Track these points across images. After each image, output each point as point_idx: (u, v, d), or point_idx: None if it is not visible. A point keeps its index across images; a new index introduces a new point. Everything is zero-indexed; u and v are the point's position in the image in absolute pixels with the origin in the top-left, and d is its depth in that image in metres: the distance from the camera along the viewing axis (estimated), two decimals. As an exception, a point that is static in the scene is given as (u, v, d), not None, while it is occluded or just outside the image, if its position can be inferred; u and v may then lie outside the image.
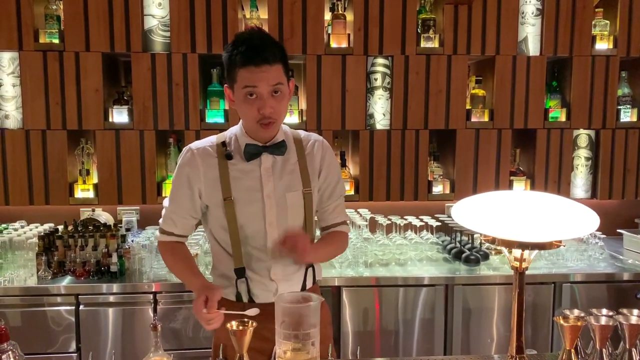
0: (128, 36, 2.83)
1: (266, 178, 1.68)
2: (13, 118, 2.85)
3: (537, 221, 1.09)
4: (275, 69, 1.57)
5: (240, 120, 1.72)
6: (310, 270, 1.79)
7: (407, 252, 2.86)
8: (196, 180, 1.69)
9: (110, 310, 2.51)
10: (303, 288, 1.78)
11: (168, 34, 2.86)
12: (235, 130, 1.75)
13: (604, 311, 1.39)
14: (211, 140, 1.74)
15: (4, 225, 2.88)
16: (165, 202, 1.77)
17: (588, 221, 1.10)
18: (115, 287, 2.50)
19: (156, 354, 1.20)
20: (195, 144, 1.74)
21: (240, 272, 1.72)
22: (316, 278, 1.83)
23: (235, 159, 1.69)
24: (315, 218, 1.83)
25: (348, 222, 1.87)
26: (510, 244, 1.09)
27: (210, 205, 1.71)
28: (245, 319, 1.23)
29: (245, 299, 1.73)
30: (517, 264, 1.15)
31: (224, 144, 1.71)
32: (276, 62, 1.57)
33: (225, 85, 1.66)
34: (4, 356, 1.19)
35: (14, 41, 2.78)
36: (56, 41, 2.81)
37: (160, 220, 1.78)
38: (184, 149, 1.75)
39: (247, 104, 1.58)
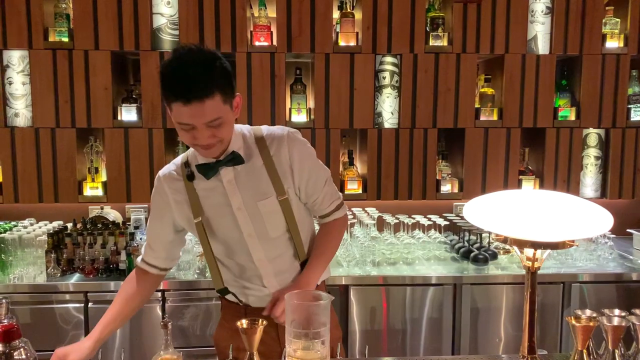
0: (137, 34, 2.83)
1: (231, 191, 1.60)
2: (23, 116, 2.87)
3: (550, 220, 1.08)
4: (210, 104, 1.39)
5: None
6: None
7: (415, 251, 2.86)
8: (167, 207, 1.65)
9: (119, 308, 2.52)
10: None
11: (177, 32, 2.86)
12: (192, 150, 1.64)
13: (617, 311, 1.38)
14: (177, 161, 1.68)
15: (13, 223, 2.89)
16: (147, 227, 1.75)
17: (601, 220, 1.09)
18: (123, 285, 2.51)
19: (166, 351, 1.20)
20: (163, 170, 1.69)
21: (223, 292, 1.72)
22: (320, 280, 1.75)
23: (198, 177, 1.62)
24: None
25: (341, 201, 1.75)
26: (522, 244, 1.09)
27: (186, 228, 1.69)
28: (255, 318, 1.23)
29: (245, 301, 1.72)
30: (529, 263, 1.15)
31: (186, 164, 1.64)
32: (211, 94, 1.38)
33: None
34: (15, 353, 1.20)
35: (23, 40, 2.79)
36: (65, 40, 2.82)
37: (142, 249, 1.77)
38: (157, 175, 1.70)
39: (181, 132, 1.46)
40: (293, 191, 1.64)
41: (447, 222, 2.93)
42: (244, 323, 1.22)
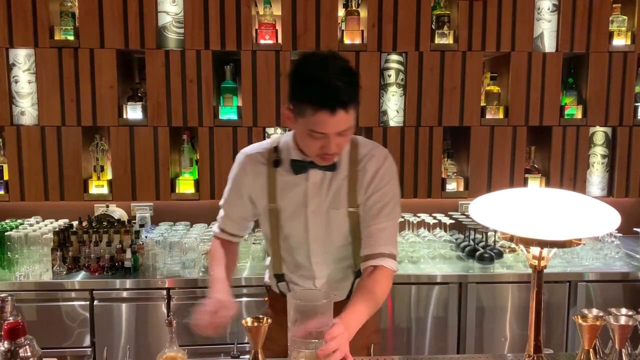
0: (142, 33, 2.83)
1: (312, 194, 1.61)
2: (29, 114, 2.88)
3: (557, 219, 1.07)
4: (350, 113, 1.41)
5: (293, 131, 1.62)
6: (358, 280, 1.72)
7: (420, 250, 2.85)
8: (246, 187, 1.66)
9: (124, 306, 2.53)
10: (349, 297, 1.70)
11: (182, 30, 2.86)
12: (289, 137, 1.64)
13: (623, 311, 1.37)
14: (264, 144, 1.69)
15: (19, 221, 2.91)
16: (221, 202, 1.77)
17: (608, 219, 1.08)
18: (129, 283, 2.52)
19: (171, 349, 1.20)
20: (249, 149, 1.70)
21: (279, 277, 1.73)
22: None
23: (283, 168, 1.62)
24: None
25: (396, 255, 1.60)
26: (528, 242, 1.08)
27: (259, 210, 1.69)
28: (260, 316, 1.23)
29: (283, 291, 1.74)
30: (535, 262, 1.14)
31: (276, 149, 1.64)
32: (354, 104, 1.41)
33: (286, 105, 1.51)
34: (21, 350, 1.20)
35: (29, 38, 2.80)
36: (71, 38, 2.83)
37: (218, 217, 1.80)
38: (239, 153, 1.71)
39: (310, 140, 1.46)
40: (363, 205, 1.63)
41: (452, 221, 2.92)
42: (248, 321, 1.22)
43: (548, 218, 1.07)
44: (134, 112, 2.89)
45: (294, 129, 1.55)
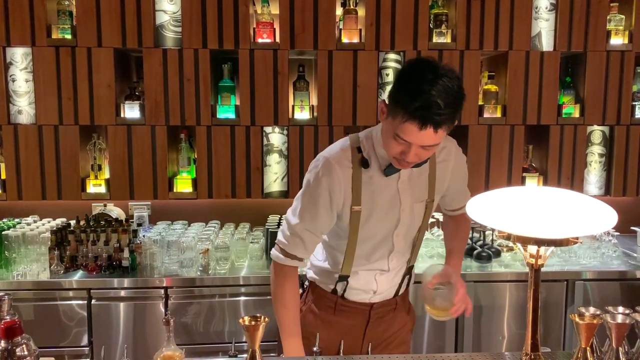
0: (140, 32, 2.83)
1: (403, 192, 1.63)
2: (26, 113, 2.87)
3: (554, 217, 1.07)
4: (439, 134, 1.40)
5: (378, 130, 1.61)
6: (407, 277, 1.80)
7: (418, 249, 2.84)
8: (337, 193, 1.58)
9: (122, 305, 2.53)
10: (396, 294, 1.79)
11: (179, 29, 2.86)
12: (370, 138, 1.61)
13: (620, 309, 1.37)
14: (342, 146, 1.62)
15: (17, 220, 2.90)
16: (292, 218, 1.63)
17: (605, 217, 1.08)
18: (126, 282, 2.52)
19: (168, 348, 1.20)
20: (332, 154, 1.60)
21: (343, 278, 1.72)
22: (410, 283, 1.85)
23: (372, 168, 1.59)
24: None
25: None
26: (526, 240, 1.08)
27: (338, 214, 1.63)
28: (258, 315, 1.23)
29: (339, 293, 1.75)
30: (532, 260, 1.14)
31: (359, 149, 1.60)
32: (446, 126, 1.40)
33: (384, 101, 1.51)
34: (17, 349, 1.19)
35: (26, 37, 2.79)
36: (68, 37, 2.82)
37: (282, 238, 1.66)
38: (318, 158, 1.62)
39: (392, 142, 1.45)
40: (439, 197, 1.74)
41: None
42: (246, 320, 1.22)
43: (545, 216, 1.07)
44: (131, 111, 2.88)
45: (383, 124, 1.54)
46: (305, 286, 1.89)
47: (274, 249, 1.68)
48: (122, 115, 2.89)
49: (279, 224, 2.95)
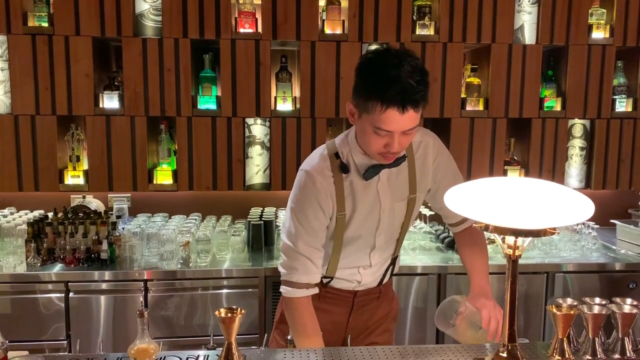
0: (119, 20, 2.78)
1: (383, 193, 1.62)
2: (1, 103, 2.81)
3: (531, 208, 1.07)
4: (418, 113, 1.41)
5: (353, 134, 1.60)
6: (391, 267, 1.80)
7: (400, 241, 2.85)
8: (325, 203, 1.56)
9: (101, 298, 2.49)
10: (380, 283, 1.79)
11: (160, 18, 2.81)
12: (346, 143, 1.60)
13: (597, 300, 1.38)
14: (320, 155, 1.60)
15: (-7, 212, 2.85)
16: (290, 242, 1.59)
17: (583, 208, 1.08)
18: (105, 275, 2.48)
19: (142, 341, 1.17)
20: (310, 165, 1.59)
21: (328, 278, 1.73)
22: (393, 272, 1.84)
23: (352, 173, 1.58)
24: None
25: None
26: (503, 231, 1.07)
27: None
28: (234, 307, 1.21)
29: (325, 281, 1.74)
30: (510, 251, 1.14)
31: (337, 155, 1.59)
32: (423, 104, 1.41)
33: (350, 102, 1.50)
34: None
35: (1, 24, 2.73)
36: (45, 25, 2.76)
37: (286, 269, 1.60)
38: (299, 173, 1.61)
39: (373, 137, 1.44)
40: (424, 193, 1.70)
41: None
42: (222, 312, 1.20)
43: (522, 207, 1.07)
44: (110, 101, 2.83)
45: (356, 126, 1.52)
46: None
47: (282, 287, 1.63)
48: (100, 106, 2.84)
49: (261, 216, 2.93)
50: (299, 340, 1.57)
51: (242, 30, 2.85)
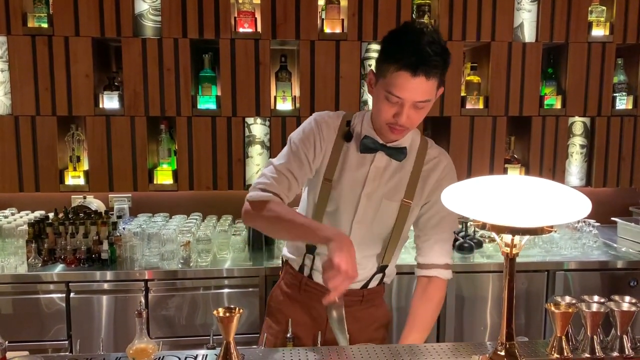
0: (118, 21, 2.78)
1: (372, 177, 1.60)
2: (1, 104, 2.81)
3: (528, 206, 1.07)
4: (429, 84, 1.43)
5: (370, 112, 1.63)
6: (380, 274, 1.74)
7: (401, 240, 2.84)
8: (317, 149, 1.60)
9: (102, 298, 2.49)
10: (365, 287, 1.73)
11: (159, 18, 2.81)
12: (362, 116, 1.64)
13: (595, 298, 1.38)
14: (337, 113, 1.66)
15: (-6, 213, 2.85)
16: (277, 160, 1.62)
17: (580, 206, 1.08)
18: (106, 275, 2.48)
19: (141, 340, 1.18)
20: (323, 115, 1.65)
21: (310, 248, 1.69)
22: (383, 281, 1.79)
23: (351, 144, 1.61)
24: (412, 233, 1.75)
25: (450, 264, 1.70)
26: (500, 229, 1.07)
27: (313, 178, 1.65)
28: (232, 306, 1.21)
29: (306, 273, 1.73)
30: (507, 249, 1.14)
31: (348, 123, 1.62)
32: (435, 76, 1.43)
33: (372, 70, 1.54)
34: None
35: (1, 25, 2.73)
36: (45, 25, 2.76)
37: (262, 179, 1.60)
38: (310, 117, 1.66)
39: (384, 104, 1.47)
40: (418, 207, 1.66)
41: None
42: (220, 312, 1.21)
43: (519, 205, 1.06)
44: (110, 102, 2.84)
45: (372, 96, 1.55)
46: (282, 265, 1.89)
47: (249, 192, 1.60)
48: (100, 106, 2.84)
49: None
50: (281, 226, 1.53)
51: (241, 29, 2.86)
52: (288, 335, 1.56)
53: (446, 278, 1.70)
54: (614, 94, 3.12)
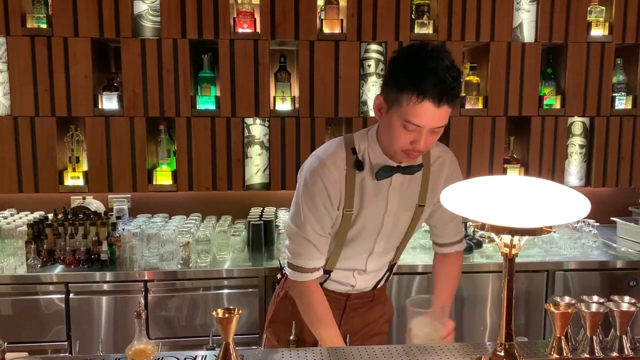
0: (117, 21, 2.78)
1: (392, 198, 1.60)
2: (0, 105, 2.81)
3: (527, 206, 1.07)
4: (449, 111, 1.41)
5: (374, 131, 1.58)
6: (388, 273, 1.79)
7: (400, 240, 2.84)
8: (334, 193, 1.54)
9: (101, 299, 2.49)
10: (375, 287, 1.78)
11: (158, 19, 2.81)
12: (365, 139, 1.58)
13: (595, 298, 1.38)
14: (337, 147, 1.58)
15: (-7, 214, 2.85)
16: (295, 226, 1.58)
17: (579, 206, 1.08)
18: (105, 276, 2.48)
19: (140, 341, 1.17)
20: (325, 154, 1.56)
21: (327, 272, 1.70)
22: (389, 278, 1.83)
23: (365, 171, 1.56)
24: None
25: (464, 235, 1.80)
26: (499, 230, 1.07)
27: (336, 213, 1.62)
28: (232, 307, 1.21)
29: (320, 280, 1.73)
30: (506, 250, 1.14)
31: (354, 150, 1.56)
32: (456, 102, 1.42)
33: (381, 95, 1.48)
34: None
35: (0, 26, 2.73)
36: (44, 26, 2.76)
37: (292, 253, 1.60)
38: (311, 159, 1.59)
39: (401, 132, 1.42)
40: (430, 207, 1.68)
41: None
42: (219, 313, 1.20)
43: (518, 206, 1.06)
44: (109, 102, 2.84)
45: (382, 122, 1.50)
46: (283, 272, 1.87)
47: (288, 269, 1.62)
48: (100, 107, 2.84)
49: (260, 216, 2.93)
50: (313, 326, 1.58)
51: (240, 30, 2.85)
52: (291, 337, 1.56)
53: (462, 249, 1.80)
54: (613, 94, 3.12)
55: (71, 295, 2.48)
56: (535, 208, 1.07)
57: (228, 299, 2.57)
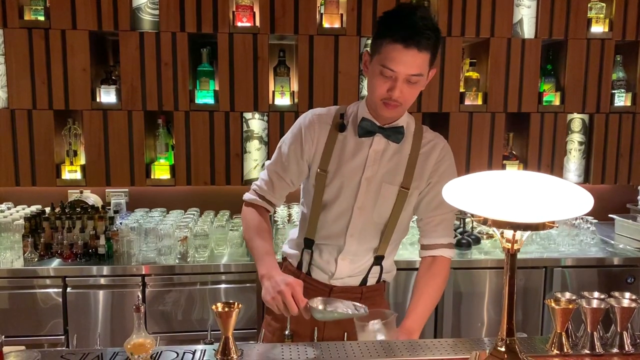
0: (116, 14, 2.76)
1: (372, 161, 1.63)
2: (-2, 97, 2.79)
3: (530, 201, 1.06)
4: (421, 57, 1.47)
5: (365, 99, 1.67)
6: (377, 268, 1.73)
7: (399, 236, 2.84)
8: (309, 146, 1.65)
9: (98, 293, 2.48)
10: (363, 283, 1.73)
11: (157, 12, 2.79)
12: (357, 104, 1.69)
13: (596, 294, 1.38)
14: (330, 108, 1.71)
15: (-11, 207, 2.83)
16: (268, 163, 1.74)
17: (582, 202, 1.07)
18: (103, 270, 2.47)
19: (139, 335, 1.17)
20: (318, 110, 1.71)
21: (308, 243, 1.70)
22: (382, 279, 1.76)
23: (348, 132, 1.64)
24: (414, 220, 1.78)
25: (453, 243, 1.75)
26: (501, 225, 1.06)
27: (303, 171, 1.70)
28: (231, 301, 1.21)
29: (304, 269, 1.74)
30: (508, 245, 1.13)
31: (342, 115, 1.66)
32: (426, 49, 1.47)
33: (367, 50, 1.60)
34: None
35: (-3, 18, 2.71)
36: (42, 18, 2.74)
37: (257, 181, 1.76)
38: (307, 112, 1.71)
39: (379, 79, 1.51)
40: (417, 192, 1.67)
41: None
42: (219, 307, 1.20)
43: (521, 200, 1.06)
44: (107, 96, 2.82)
45: (367, 75, 1.58)
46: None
47: (247, 192, 1.77)
48: (97, 100, 2.82)
49: (259, 211, 2.91)
50: (250, 240, 1.68)
51: (239, 24, 2.84)
52: (286, 332, 1.55)
53: (450, 257, 1.73)
54: (613, 91, 3.11)
55: (68, 289, 2.47)
56: (538, 203, 1.06)
57: (225, 293, 2.56)
